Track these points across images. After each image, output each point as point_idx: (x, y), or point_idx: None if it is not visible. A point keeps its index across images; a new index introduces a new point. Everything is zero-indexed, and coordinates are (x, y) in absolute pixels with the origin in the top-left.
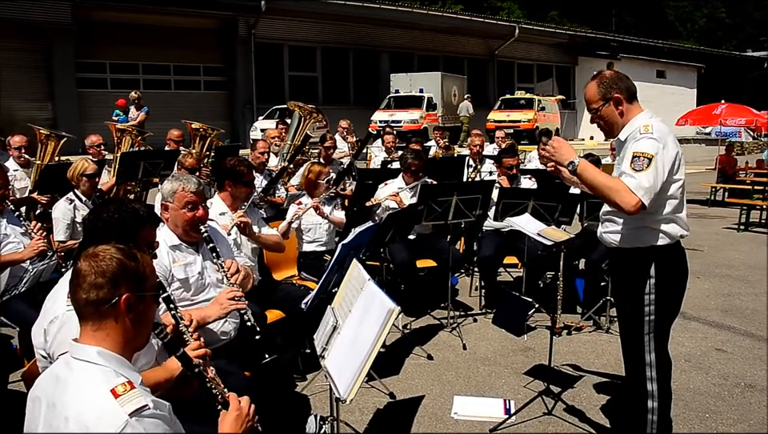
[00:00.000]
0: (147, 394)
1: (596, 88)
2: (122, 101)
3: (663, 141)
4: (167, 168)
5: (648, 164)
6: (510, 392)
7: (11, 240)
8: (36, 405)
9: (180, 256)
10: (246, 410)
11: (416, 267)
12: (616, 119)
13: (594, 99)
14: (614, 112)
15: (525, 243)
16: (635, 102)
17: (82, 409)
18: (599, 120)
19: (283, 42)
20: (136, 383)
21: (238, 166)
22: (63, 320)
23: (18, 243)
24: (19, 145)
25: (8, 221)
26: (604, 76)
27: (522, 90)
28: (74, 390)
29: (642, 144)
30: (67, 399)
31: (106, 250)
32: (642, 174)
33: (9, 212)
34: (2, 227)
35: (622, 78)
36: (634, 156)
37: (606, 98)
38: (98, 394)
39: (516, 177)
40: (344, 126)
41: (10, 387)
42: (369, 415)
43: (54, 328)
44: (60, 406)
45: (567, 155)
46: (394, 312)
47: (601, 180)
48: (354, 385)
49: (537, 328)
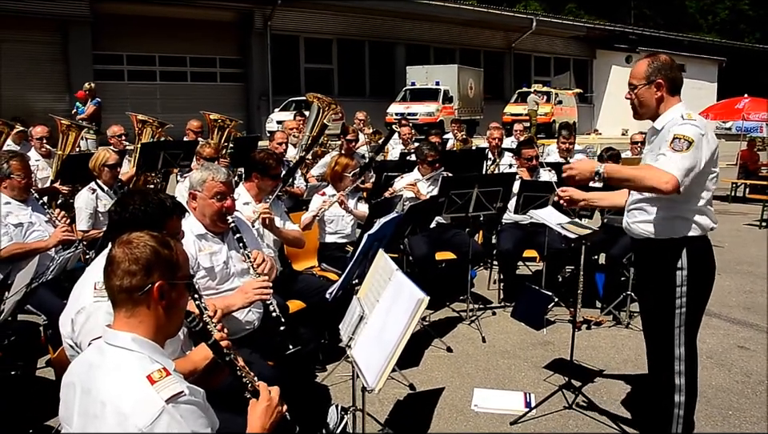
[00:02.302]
0: (182, 380)
1: (644, 66)
2: (80, 93)
3: (705, 130)
4: (186, 159)
5: (688, 147)
6: (530, 386)
7: (36, 228)
8: (70, 390)
9: (206, 245)
10: (276, 399)
11: (435, 259)
12: (650, 103)
13: (637, 76)
14: (652, 96)
15: (545, 237)
16: (677, 95)
17: (119, 395)
18: (634, 97)
19: (299, 34)
20: (170, 370)
21: (267, 159)
22: (90, 311)
23: (43, 231)
24: (41, 135)
25: (33, 209)
26: (658, 58)
27: (539, 83)
28: (109, 376)
29: (685, 128)
30: (103, 385)
31: (140, 237)
32: (680, 154)
33: (33, 200)
34: (28, 215)
35: (673, 68)
36: (674, 138)
37: (649, 80)
38: (134, 380)
39: (536, 169)
40: (360, 117)
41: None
42: (389, 406)
43: (81, 318)
44: (95, 391)
45: (588, 167)
46: (423, 302)
47: (631, 172)
48: (383, 375)
49: (556, 322)
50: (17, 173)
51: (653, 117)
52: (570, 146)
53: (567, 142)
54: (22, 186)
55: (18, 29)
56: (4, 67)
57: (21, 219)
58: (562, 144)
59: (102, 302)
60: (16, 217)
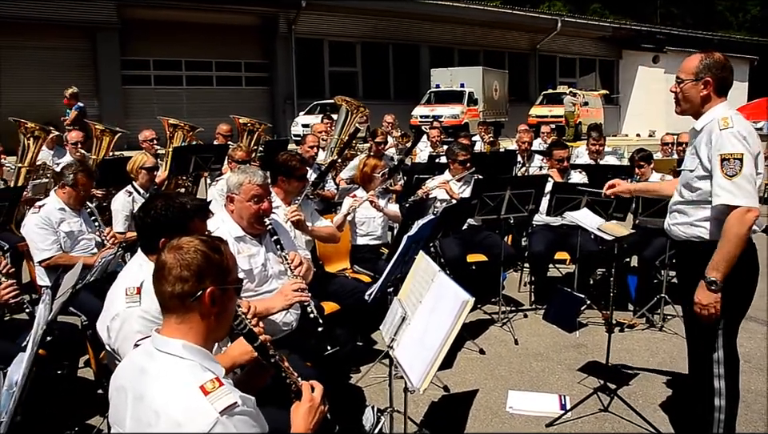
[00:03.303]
0: (235, 390)
1: (696, 62)
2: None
3: (744, 133)
4: (217, 162)
5: (740, 167)
6: (565, 388)
7: (86, 236)
8: (121, 394)
9: (244, 247)
10: (319, 399)
11: (467, 261)
12: (694, 100)
13: (686, 71)
14: (697, 93)
15: (577, 239)
16: (723, 96)
17: (172, 405)
18: (679, 91)
19: (323, 38)
20: (221, 377)
21: (290, 161)
22: (124, 317)
23: (90, 240)
24: (75, 140)
25: (84, 220)
26: (711, 56)
27: (564, 84)
28: (161, 384)
29: (727, 144)
30: (156, 394)
31: (190, 242)
32: (737, 179)
33: (85, 212)
34: (78, 224)
35: (726, 68)
36: (723, 159)
37: (697, 76)
38: (188, 390)
39: (567, 170)
40: (389, 120)
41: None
42: (424, 407)
43: (116, 325)
44: (148, 399)
45: (711, 296)
46: (468, 303)
47: (728, 251)
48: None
49: (588, 325)
50: (80, 185)
51: (695, 114)
52: (600, 147)
53: (597, 143)
54: (80, 199)
55: (49, 36)
56: (35, 74)
57: (72, 227)
58: (591, 146)
59: (134, 307)
60: (68, 225)
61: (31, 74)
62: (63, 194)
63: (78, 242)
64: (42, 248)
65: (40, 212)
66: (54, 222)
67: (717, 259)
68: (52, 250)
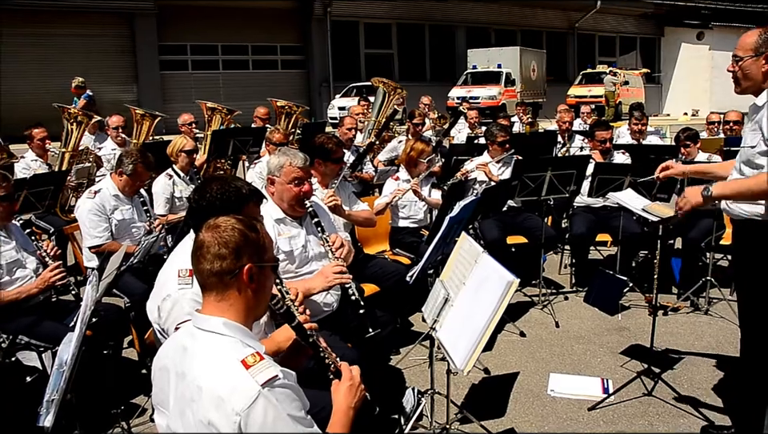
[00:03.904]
0: (276, 364)
1: (754, 37)
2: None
3: None
4: (256, 145)
5: None
6: (607, 372)
7: (136, 224)
8: (164, 374)
9: (285, 229)
10: (358, 379)
11: (507, 243)
12: (756, 76)
13: (745, 47)
14: (759, 69)
15: (619, 220)
16: None
17: (215, 380)
18: (738, 69)
19: (359, 20)
20: (263, 354)
21: (327, 143)
22: (175, 299)
23: (140, 228)
24: (117, 125)
25: (135, 207)
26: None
27: (604, 63)
28: (203, 361)
29: None
30: (198, 370)
31: (227, 221)
32: None
33: (138, 201)
34: (130, 212)
35: None
36: None
37: (758, 51)
38: (229, 365)
39: (609, 151)
40: (425, 102)
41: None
42: (464, 389)
43: (167, 306)
44: (191, 376)
45: (695, 193)
46: (513, 284)
47: (741, 187)
48: (471, 358)
49: (630, 307)
50: (138, 175)
51: (756, 91)
52: (642, 127)
53: (639, 123)
54: (135, 188)
55: (88, 23)
56: (77, 61)
57: (124, 215)
58: (634, 126)
59: (186, 289)
60: (121, 213)
61: (73, 62)
62: (119, 181)
63: (128, 230)
64: (94, 235)
65: (95, 198)
66: (107, 209)
67: (731, 185)
68: (102, 238)
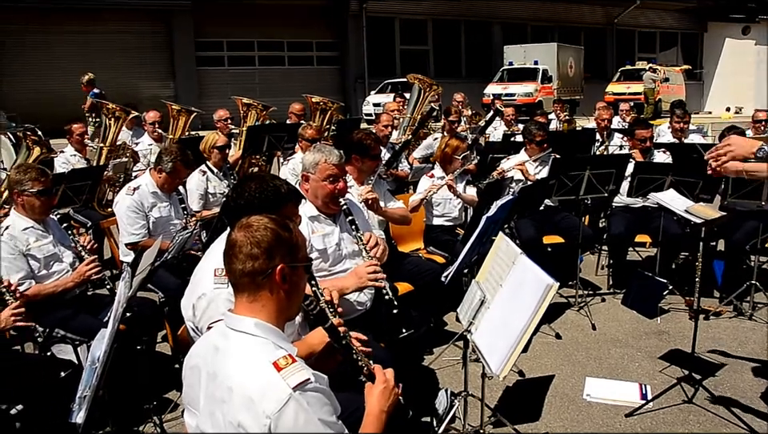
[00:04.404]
0: (308, 368)
1: None
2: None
3: None
4: (290, 141)
5: None
6: (645, 377)
7: (173, 222)
8: (195, 373)
9: (318, 227)
10: (392, 382)
11: (543, 243)
12: None
13: None
14: None
15: (660, 221)
16: None
17: (246, 381)
18: None
19: (394, 16)
20: (295, 356)
21: (365, 139)
22: (211, 298)
23: (176, 226)
24: (153, 120)
25: (172, 205)
26: None
27: (643, 60)
28: (235, 361)
29: None
30: (229, 371)
31: (260, 220)
32: None
33: (176, 199)
34: (168, 209)
35: None
36: None
37: None
38: (261, 367)
39: (649, 150)
40: (459, 99)
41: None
42: (498, 392)
43: (202, 304)
44: (222, 377)
45: (749, 145)
46: (552, 288)
47: None
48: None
49: (670, 311)
50: (177, 172)
51: None
52: (684, 125)
53: (681, 121)
54: (174, 185)
55: (126, 21)
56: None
57: (162, 213)
58: (675, 123)
59: (222, 289)
60: (158, 211)
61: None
62: (158, 178)
63: (165, 228)
64: (131, 232)
65: (134, 195)
66: (146, 207)
67: None
68: (139, 235)
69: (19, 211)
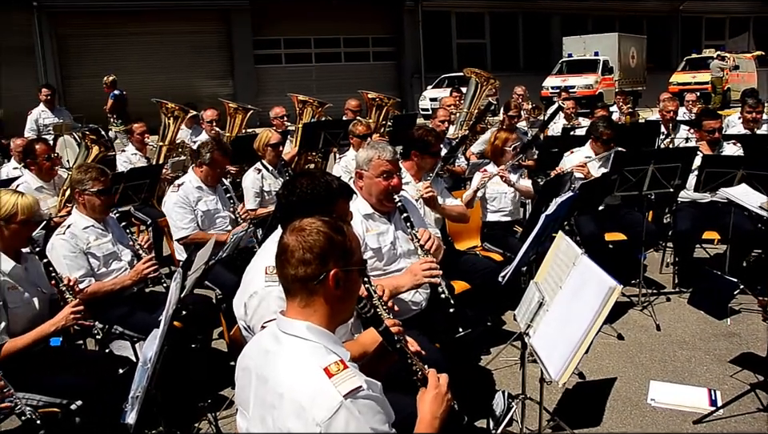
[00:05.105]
0: (360, 374)
1: None
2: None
3: None
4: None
5: None
6: (714, 382)
7: (221, 214)
8: (246, 375)
9: (373, 225)
10: (445, 387)
11: (604, 240)
12: None
13: None
14: None
15: (730, 217)
16: None
17: (296, 387)
18: None
19: (450, 10)
20: (346, 361)
21: (426, 136)
22: (262, 296)
23: (225, 218)
24: (211, 118)
25: (219, 197)
26: None
27: (711, 47)
28: (285, 366)
29: None
30: (279, 376)
31: (312, 223)
32: None
33: (221, 189)
34: (214, 202)
35: None
36: None
37: None
38: (312, 373)
39: (718, 143)
40: (519, 93)
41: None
42: (557, 395)
43: (253, 303)
44: (272, 381)
45: None
46: (615, 291)
47: None
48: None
49: (741, 312)
50: (216, 163)
51: None
52: (757, 115)
53: (754, 111)
54: (216, 176)
55: (186, 21)
56: (176, 58)
57: (209, 205)
58: (747, 114)
59: (273, 286)
60: (205, 204)
61: (173, 59)
62: (200, 173)
63: (214, 220)
64: (180, 226)
65: (179, 191)
66: (191, 201)
67: None
68: (189, 228)
69: (80, 210)
